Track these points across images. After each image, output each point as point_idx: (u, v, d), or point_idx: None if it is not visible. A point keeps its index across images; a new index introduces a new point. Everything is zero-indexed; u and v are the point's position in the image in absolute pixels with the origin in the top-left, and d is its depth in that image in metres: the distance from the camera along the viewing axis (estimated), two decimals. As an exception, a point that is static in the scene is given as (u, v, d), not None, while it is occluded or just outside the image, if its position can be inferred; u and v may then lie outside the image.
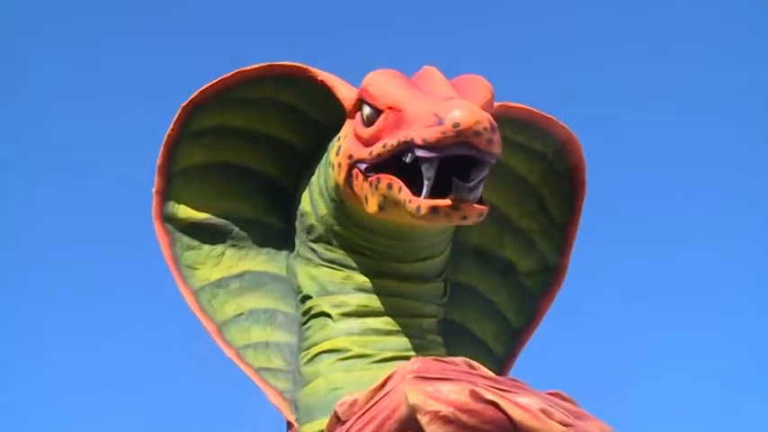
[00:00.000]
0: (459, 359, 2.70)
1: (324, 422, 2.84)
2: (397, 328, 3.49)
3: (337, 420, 2.66)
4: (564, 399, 2.58)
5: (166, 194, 3.75)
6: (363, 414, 2.52)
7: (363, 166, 3.25)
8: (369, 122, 3.26)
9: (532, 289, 4.02)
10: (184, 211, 3.79)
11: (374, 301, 3.55)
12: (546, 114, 3.75)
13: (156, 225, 3.74)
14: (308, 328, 3.63)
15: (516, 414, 2.36)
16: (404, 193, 3.06)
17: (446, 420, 2.34)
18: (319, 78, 3.57)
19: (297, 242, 3.73)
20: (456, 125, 2.89)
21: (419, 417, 2.36)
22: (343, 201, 3.43)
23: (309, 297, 3.61)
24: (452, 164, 3.01)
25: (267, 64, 3.65)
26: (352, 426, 2.55)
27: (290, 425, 3.60)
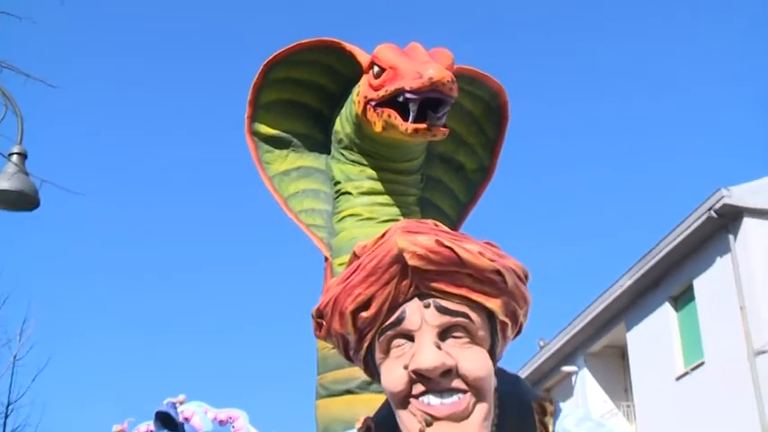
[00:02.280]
0: (429, 221, 3.26)
1: (347, 257, 3.41)
2: (392, 202, 4.71)
3: (354, 256, 3.13)
4: (492, 245, 3.09)
5: (253, 119, 4.98)
6: (370, 252, 3.08)
7: (373, 103, 4.44)
8: (377, 76, 4.41)
9: (474, 179, 5.22)
10: (264, 129, 5.00)
11: (378, 185, 4.79)
12: (485, 73, 4.94)
13: (247, 137, 4.99)
14: (338, 201, 4.92)
15: (463, 254, 2.89)
16: (398, 120, 4.31)
17: (420, 257, 2.88)
18: (347, 48, 4.73)
19: (332, 149, 4.91)
20: (430, 79, 4.12)
21: (405, 254, 2.98)
22: (360, 123, 4.58)
23: (339, 182, 4.82)
24: (427, 102, 4.26)
25: (315, 39, 4.86)
26: (363, 259, 3.14)
27: (326, 259, 4.94)
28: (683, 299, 23.36)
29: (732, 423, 20.45)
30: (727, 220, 21.28)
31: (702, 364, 22.33)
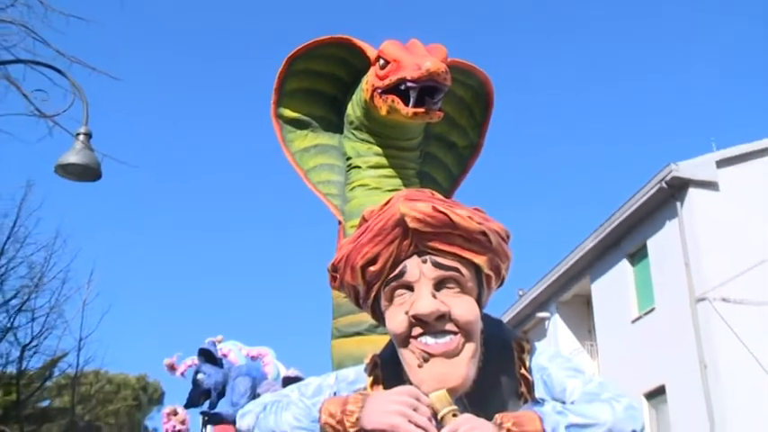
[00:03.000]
0: (426, 190, 2.99)
1: (357, 221, 3.14)
2: (395, 174, 4.67)
3: (363, 220, 2.98)
4: (480, 211, 2.91)
5: (278, 104, 4.95)
6: (377, 216, 2.86)
7: (379, 90, 4.39)
8: (382, 68, 4.37)
9: (465, 155, 5.18)
10: (287, 112, 4.97)
11: (383, 160, 4.75)
12: (474, 65, 4.89)
13: (273, 120, 4.95)
14: (349, 174, 4.89)
15: (455, 218, 2.86)
16: (400, 105, 4.27)
17: (419, 220, 2.73)
18: (358, 44, 4.70)
19: (344, 129, 4.87)
20: (428, 70, 4.10)
21: (406, 218, 2.77)
22: (368, 108, 4.54)
23: (350, 158, 4.78)
24: (425, 90, 4.23)
25: (331, 36, 4.82)
26: (370, 222, 2.91)
27: (339, 222, 4.91)
28: (638, 256, 23.41)
29: (676, 357, 20.58)
30: (675, 190, 21.37)
31: (653, 309, 22.41)
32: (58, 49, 10.12)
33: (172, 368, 9.18)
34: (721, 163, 21.65)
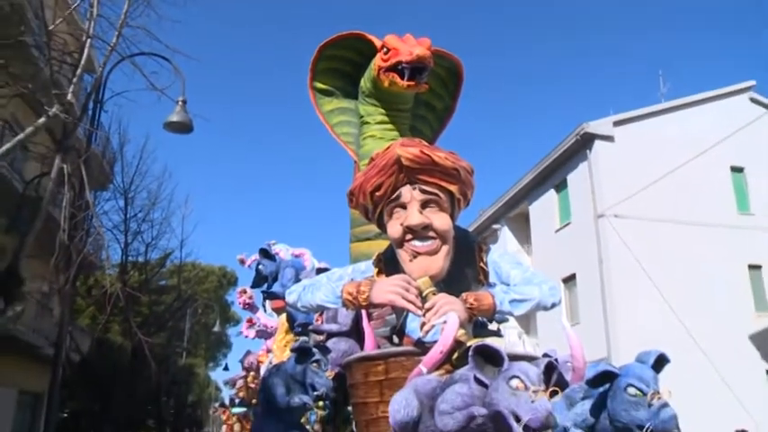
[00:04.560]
0: (416, 139, 3.02)
1: (367, 161, 3.30)
2: (394, 128, 4.52)
3: (371, 160, 2.96)
4: (453, 153, 2.67)
5: (313, 79, 4.81)
6: (381, 157, 2.84)
7: (383, 69, 4.26)
8: (385, 53, 4.25)
9: (442, 115, 5.03)
10: (319, 85, 4.84)
11: (386, 119, 4.63)
12: (450, 52, 4.71)
13: (309, 90, 4.82)
14: (362, 128, 4.72)
15: (436, 158, 2.74)
16: (397, 80, 4.18)
17: (410, 160, 2.74)
18: (369, 38, 4.56)
19: (359, 96, 4.71)
20: (418, 55, 4.05)
21: (401, 159, 2.74)
22: (375, 81, 4.40)
23: (363, 116, 4.63)
24: (415, 69, 4.14)
25: (350, 32, 4.70)
26: (376, 161, 2.88)
27: (355, 162, 4.84)
28: (561, 186, 23.35)
29: (583, 255, 20.74)
30: (586, 141, 21.42)
31: (569, 223, 22.48)
32: (166, 43, 10.30)
33: (242, 262, 9.22)
34: (617, 123, 21.73)
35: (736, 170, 22.13)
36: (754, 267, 21.03)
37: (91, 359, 18.45)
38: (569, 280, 21.79)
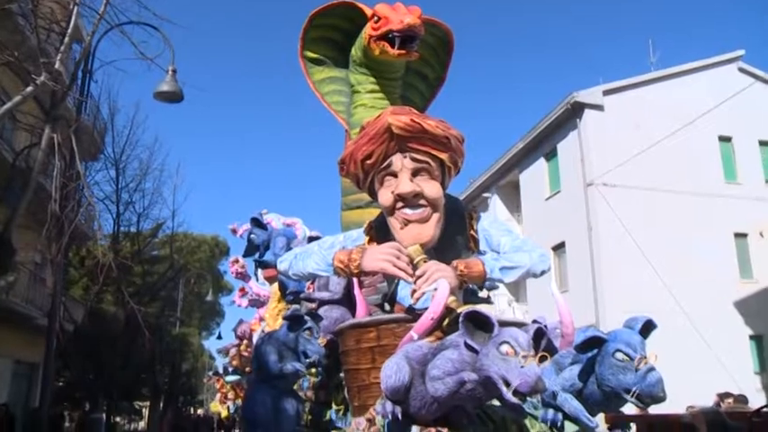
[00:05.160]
0: (407, 107, 3.02)
1: (358, 130, 3.10)
2: (385, 97, 4.46)
3: (362, 128, 2.94)
4: (443, 122, 2.72)
5: (303, 48, 4.73)
6: (371, 125, 3.07)
7: (374, 38, 4.18)
8: (376, 22, 4.17)
9: (433, 84, 4.95)
10: (309, 54, 4.76)
11: (377, 87, 4.57)
12: (441, 21, 4.64)
13: (300, 60, 4.73)
14: (353, 97, 4.68)
15: (426, 127, 2.79)
16: (388, 48, 4.10)
17: (401, 128, 2.72)
18: (359, 6, 4.49)
19: (350, 65, 4.64)
20: (408, 24, 3.97)
21: (392, 127, 3.02)
22: (366, 50, 4.33)
23: (353, 85, 4.56)
24: (406, 38, 4.07)
25: (340, 0, 4.58)
26: (367, 129, 2.87)
27: (346, 130, 4.79)
28: (551, 155, 23.35)
29: (572, 223, 20.82)
30: (576, 110, 21.38)
31: (559, 191, 22.52)
32: (155, 11, 10.09)
33: (234, 231, 9.23)
34: (606, 92, 21.67)
35: (725, 139, 22.18)
36: (740, 236, 21.19)
37: (84, 329, 18.47)
38: (559, 248, 21.90)
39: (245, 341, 10.49)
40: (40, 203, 11.09)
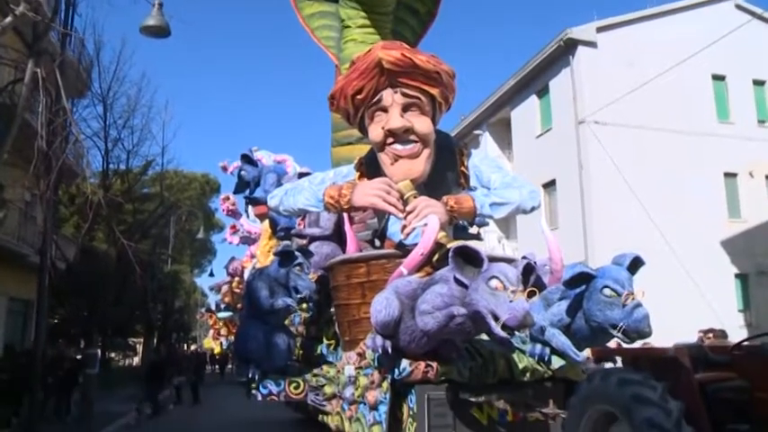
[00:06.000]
0: (398, 42, 3.27)
1: (348, 65, 3.45)
2: (375, 32, 4.36)
3: (352, 63, 3.04)
4: (435, 56, 2.94)
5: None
6: (362, 60, 3.05)
7: None
8: None
9: (425, 19, 4.92)
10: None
11: (367, 22, 4.51)
12: None
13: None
14: (343, 32, 4.64)
15: (417, 61, 2.81)
16: None
17: (392, 63, 2.78)
18: None
19: (339, 2, 4.68)
20: None
21: (382, 61, 3.00)
22: None
23: (344, 20, 4.49)
24: None
25: None
26: (357, 64, 3.02)
27: (336, 65, 4.75)
28: (542, 92, 23.14)
29: (563, 161, 20.84)
30: (569, 47, 21.13)
31: (550, 129, 22.42)
32: None
33: (224, 168, 9.19)
34: (599, 29, 21.38)
35: (718, 78, 22.00)
36: (730, 175, 21.26)
37: (77, 267, 18.54)
38: (549, 185, 21.93)
39: (236, 278, 10.57)
40: (26, 140, 10.95)
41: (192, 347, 38.62)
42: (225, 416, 13.89)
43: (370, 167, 3.00)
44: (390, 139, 2.77)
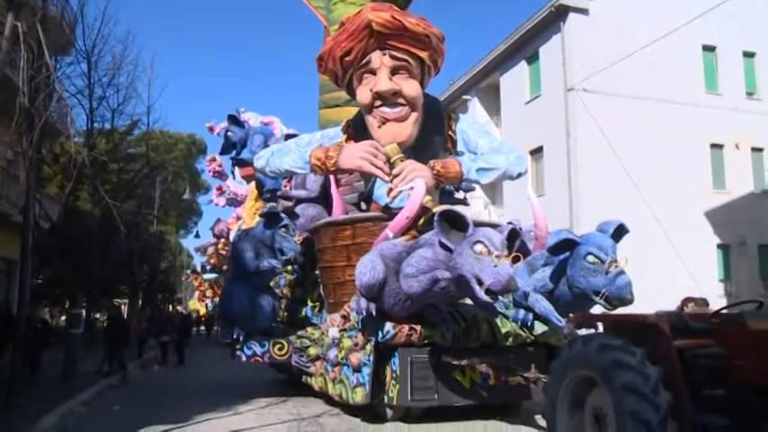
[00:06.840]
0: (387, 4, 3.34)
1: (337, 26, 3.47)
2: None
3: (341, 24, 3.15)
4: (424, 20, 3.10)
5: None
6: (351, 21, 3.08)
7: None
8: None
9: None
10: None
11: None
12: None
13: None
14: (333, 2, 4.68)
15: (407, 24, 2.86)
16: None
17: (381, 24, 2.90)
18: None
19: None
20: None
21: (372, 23, 2.98)
22: None
23: None
24: None
25: None
26: (347, 25, 3.09)
27: (325, 27, 4.71)
28: (532, 59, 23.00)
29: (551, 128, 20.86)
30: (560, 13, 20.99)
31: (539, 95, 22.35)
32: None
33: (211, 129, 9.14)
34: (591, -4, 21.19)
35: (708, 49, 21.96)
36: (716, 146, 21.36)
37: (61, 226, 18.42)
38: (537, 152, 21.96)
39: (222, 240, 10.57)
40: (8, 96, 10.77)
41: (178, 308, 38.67)
42: (210, 377, 13.95)
43: (357, 130, 3.00)
44: (378, 102, 2.76)
